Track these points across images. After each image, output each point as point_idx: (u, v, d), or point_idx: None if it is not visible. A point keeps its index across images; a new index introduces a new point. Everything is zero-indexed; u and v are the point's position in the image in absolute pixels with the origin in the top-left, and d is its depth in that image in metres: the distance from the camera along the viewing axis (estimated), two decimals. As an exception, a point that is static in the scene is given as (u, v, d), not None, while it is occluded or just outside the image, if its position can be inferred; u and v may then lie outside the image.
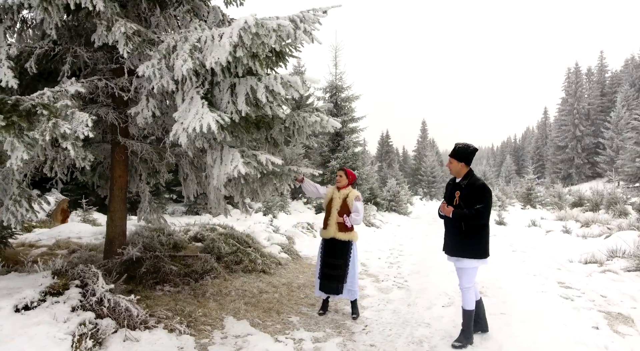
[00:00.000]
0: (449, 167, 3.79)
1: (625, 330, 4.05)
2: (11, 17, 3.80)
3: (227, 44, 2.90)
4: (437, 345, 3.61)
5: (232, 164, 3.17)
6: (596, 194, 21.60)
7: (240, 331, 3.72)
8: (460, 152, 3.68)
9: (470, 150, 3.69)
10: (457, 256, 3.65)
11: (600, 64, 53.91)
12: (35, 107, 2.89)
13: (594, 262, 7.04)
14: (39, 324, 2.90)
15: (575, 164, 48.97)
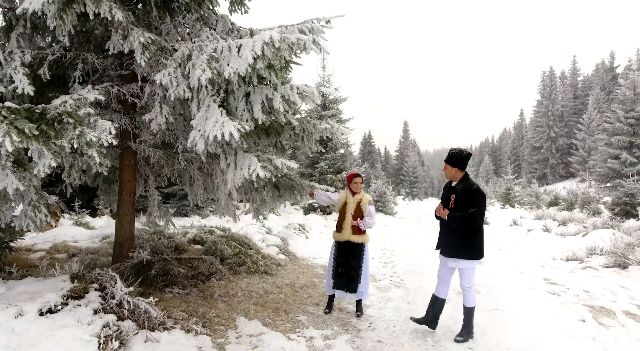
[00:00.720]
0: (444, 172, 4.03)
1: (609, 322, 4.39)
2: (24, 23, 3.84)
3: (250, 57, 3.04)
4: (440, 340, 3.84)
5: (250, 168, 3.31)
6: (571, 193, 22.55)
7: (253, 330, 3.86)
8: (453, 157, 3.92)
9: (463, 155, 3.92)
10: (454, 257, 3.88)
11: (573, 68, 55.93)
12: (61, 116, 2.96)
13: (575, 259, 7.47)
14: (65, 327, 2.98)
15: (550, 164, 50.67)
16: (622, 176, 22.27)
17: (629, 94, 23.67)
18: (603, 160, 24.50)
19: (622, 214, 16.62)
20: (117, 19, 3.45)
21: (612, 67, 53.04)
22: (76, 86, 4.04)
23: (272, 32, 2.98)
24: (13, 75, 3.54)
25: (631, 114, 23.47)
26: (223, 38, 4.16)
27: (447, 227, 3.93)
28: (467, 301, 3.92)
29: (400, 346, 3.72)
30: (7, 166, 2.95)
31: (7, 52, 3.62)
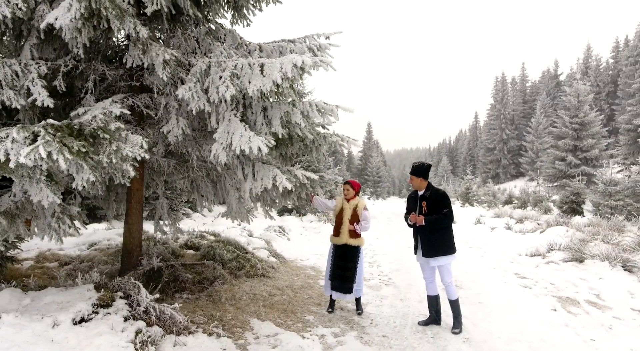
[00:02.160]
0: (411, 183, 4.47)
1: (575, 310, 5.03)
2: (37, 34, 3.84)
3: (279, 78, 3.28)
4: (438, 332, 4.26)
5: (276, 180, 3.55)
6: (524, 193, 24.26)
7: (268, 331, 4.09)
8: (417, 169, 4.39)
9: (425, 167, 4.41)
10: (434, 256, 4.32)
11: (522, 74, 59.63)
12: (96, 131, 3.06)
13: (538, 255, 8.26)
14: (101, 334, 3.09)
15: (502, 164, 53.83)
16: (568, 176, 24.27)
17: (573, 101, 25.79)
18: (551, 161, 26.53)
19: (569, 211, 18.19)
20: (141, 36, 3.57)
21: (556, 75, 57.08)
22: (88, 97, 4.08)
23: (304, 57, 3.23)
24: (30, 87, 3.56)
25: (575, 119, 25.60)
26: (237, 54, 4.34)
27: (423, 231, 4.34)
28: (451, 295, 4.37)
29: (404, 339, 4.10)
30: (42, 180, 3.01)
31: (23, 64, 3.62)
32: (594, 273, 6.72)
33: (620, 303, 5.29)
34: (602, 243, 8.64)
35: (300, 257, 8.17)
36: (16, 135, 2.54)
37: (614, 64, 49.38)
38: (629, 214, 13.85)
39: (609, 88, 48.05)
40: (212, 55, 4.16)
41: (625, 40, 48.84)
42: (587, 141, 24.91)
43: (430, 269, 4.43)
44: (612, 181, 14.59)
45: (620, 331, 4.30)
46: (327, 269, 4.88)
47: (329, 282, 4.77)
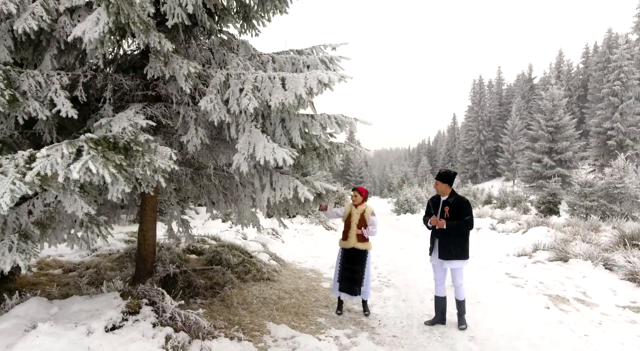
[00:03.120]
0: (435, 188, 4.74)
1: (566, 307, 5.39)
2: (57, 45, 3.87)
3: (304, 93, 3.44)
4: (444, 331, 4.52)
5: (298, 191, 3.71)
6: (503, 193, 25.10)
7: (285, 334, 4.24)
8: (444, 176, 4.67)
9: (451, 174, 4.70)
10: (449, 260, 4.58)
11: (498, 78, 61.39)
12: (129, 144, 3.15)
13: (525, 255, 8.69)
14: (134, 341, 3.18)
15: (479, 165, 55.32)
16: (544, 177, 25.29)
17: (549, 105, 26.86)
18: (528, 163, 27.55)
19: (547, 211, 18.98)
20: (166, 49, 3.66)
21: (531, 78, 59.03)
22: (106, 106, 4.13)
23: (330, 74, 3.39)
24: (54, 98, 3.60)
25: (550, 122, 26.68)
26: (252, 65, 4.46)
27: (442, 234, 4.60)
28: (460, 296, 4.65)
29: (413, 338, 4.33)
30: (75, 192, 3.08)
31: (46, 75, 3.65)
32: (578, 272, 7.15)
33: (605, 300, 5.69)
34: (582, 243, 9.15)
35: (298, 260, 8.33)
36: (66, 151, 2.61)
37: (584, 69, 51.50)
38: (603, 214, 14.61)
39: (579, 92, 50.09)
40: (230, 67, 4.27)
41: (594, 47, 51.01)
42: (561, 144, 26.00)
43: (443, 271, 4.68)
44: (587, 182, 15.35)
45: (609, 327, 4.66)
46: (335, 271, 5.06)
47: (337, 284, 4.95)
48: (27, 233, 3.13)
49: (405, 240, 11.96)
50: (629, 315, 5.09)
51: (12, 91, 3.29)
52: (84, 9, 3.95)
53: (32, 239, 3.12)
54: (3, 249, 2.93)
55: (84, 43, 3.37)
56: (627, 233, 8.84)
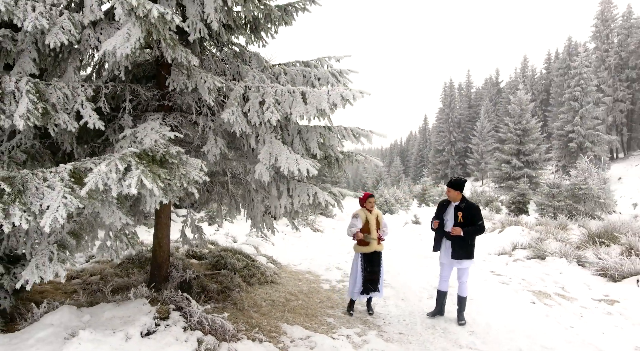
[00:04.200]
0: (448, 194, 5.10)
1: (549, 302, 5.88)
2: (80, 57, 3.93)
3: (327, 108, 3.67)
4: (446, 328, 4.87)
5: (318, 196, 3.94)
6: (475, 193, 26.16)
7: (300, 334, 4.47)
8: (456, 183, 5.03)
9: (461, 181, 5.08)
10: (460, 259, 4.95)
11: (467, 81, 63.51)
12: (165, 157, 3.28)
13: (505, 253, 9.27)
14: (170, 345, 3.32)
15: (450, 165, 57.09)
16: (513, 178, 26.57)
17: (517, 109, 28.23)
18: (498, 164, 28.83)
19: (517, 211, 20.03)
20: (192, 64, 3.81)
21: (498, 82, 61.43)
22: (126, 117, 4.21)
23: (354, 91, 3.64)
24: (80, 110, 3.67)
25: (518, 126, 28.05)
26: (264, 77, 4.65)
27: (455, 238, 4.94)
28: (463, 292, 5.03)
29: (418, 335, 4.66)
30: (114, 203, 3.19)
31: (72, 87, 3.71)
32: (555, 269, 7.74)
33: (582, 294, 6.24)
34: (555, 241, 9.84)
35: (292, 262, 8.53)
36: (120, 166, 2.73)
37: (547, 74, 54.21)
38: (569, 213, 15.62)
39: (542, 96, 52.69)
40: (247, 80, 4.45)
41: (555, 54, 53.75)
42: (528, 146, 27.40)
43: (450, 269, 5.06)
44: (555, 183, 16.35)
45: (590, 319, 5.16)
46: (355, 277, 5.16)
47: (360, 287, 5.11)
48: (64, 243, 3.21)
49: (391, 242, 12.36)
50: (605, 307, 5.64)
51: (44, 104, 3.35)
52: (104, 21, 4.03)
53: (68, 249, 3.20)
54: (43, 259, 3.01)
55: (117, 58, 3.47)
56: (594, 231, 9.59)
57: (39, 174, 2.87)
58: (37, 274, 2.94)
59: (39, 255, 3.02)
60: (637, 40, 42.77)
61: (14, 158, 3.60)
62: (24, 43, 3.73)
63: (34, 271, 2.95)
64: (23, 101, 3.23)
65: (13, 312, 4.08)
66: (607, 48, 43.88)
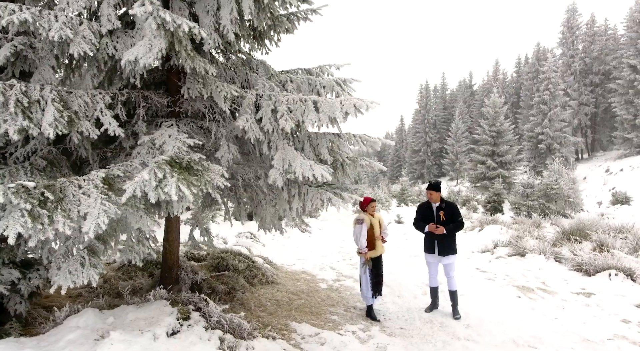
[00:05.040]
0: (430, 197, 5.42)
1: (533, 296, 6.33)
2: (97, 65, 4.00)
3: (340, 116, 3.90)
4: (443, 322, 5.19)
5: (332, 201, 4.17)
6: (452, 193, 26.98)
7: (309, 331, 4.68)
8: (437, 186, 5.40)
9: (439, 182, 5.48)
10: (447, 255, 5.30)
11: (442, 83, 65.09)
12: (190, 164, 3.43)
13: (487, 251, 9.77)
14: (195, 344, 3.47)
15: (426, 165, 58.39)
16: (488, 178, 27.60)
17: (491, 112, 29.33)
18: (473, 165, 29.85)
19: (492, 210, 20.84)
20: (210, 73, 3.96)
21: (471, 85, 63.25)
22: (140, 123, 4.30)
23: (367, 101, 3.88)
24: (100, 117, 3.75)
25: (493, 128, 29.15)
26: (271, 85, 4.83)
27: (440, 236, 5.29)
28: (452, 286, 5.38)
29: (418, 329, 4.96)
30: (141, 209, 3.31)
31: (91, 95, 3.79)
32: (534, 265, 8.26)
33: (561, 288, 6.73)
34: (531, 239, 10.44)
35: (286, 263, 8.72)
36: (159, 174, 2.86)
37: (517, 78, 56.28)
38: (542, 212, 16.47)
39: (513, 99, 54.64)
40: (258, 88, 4.63)
41: (525, 58, 55.86)
42: (502, 147, 28.53)
43: (437, 266, 5.40)
44: (528, 184, 17.18)
45: (571, 310, 5.61)
46: (365, 282, 5.25)
47: (371, 292, 5.22)
48: (94, 248, 3.30)
49: (376, 240, 12.73)
50: (583, 299, 6.12)
51: (69, 112, 3.43)
52: (120, 30, 4.11)
53: (97, 254, 3.30)
54: (76, 265, 3.10)
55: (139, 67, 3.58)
56: (567, 229, 10.25)
57: (74, 181, 2.97)
58: (70, 279, 3.04)
59: (71, 261, 3.11)
60: (599, 47, 45.14)
61: (35, 165, 3.65)
62: (42, 51, 3.78)
63: (67, 276, 3.04)
64: (49, 110, 3.30)
65: (27, 316, 4.13)
66: (572, 54, 46.07)
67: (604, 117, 45.74)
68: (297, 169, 4.01)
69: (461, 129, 50.61)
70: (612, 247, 8.30)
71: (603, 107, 44.94)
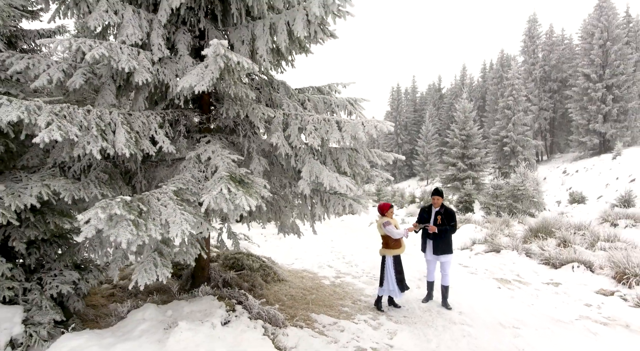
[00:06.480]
0: (436, 201, 6.22)
1: (511, 287, 7.28)
2: (148, 88, 4.50)
3: (363, 136, 4.59)
4: (440, 311, 5.99)
5: (353, 207, 4.85)
6: (426, 193, 28.27)
7: (328, 321, 5.35)
8: (441, 192, 6.20)
9: (442, 189, 6.29)
10: (443, 254, 6.11)
11: (413, 86, 67.08)
12: (242, 177, 4.02)
13: (467, 248, 10.76)
14: (245, 331, 4.07)
15: (397, 166, 60.11)
16: (458, 179, 29.15)
17: (461, 116, 30.95)
18: (445, 167, 31.37)
19: (464, 209, 22.16)
20: (250, 97, 4.55)
21: (439, 88, 65.51)
22: (181, 139, 4.83)
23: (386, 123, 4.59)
24: (155, 135, 4.27)
25: (463, 132, 30.78)
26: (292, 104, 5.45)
27: (435, 237, 6.09)
28: (446, 282, 6.19)
29: (419, 317, 5.73)
30: (202, 216, 3.87)
31: (146, 116, 4.29)
32: (509, 260, 9.29)
33: (533, 280, 7.73)
34: (503, 236, 11.56)
35: (285, 262, 9.32)
36: (233, 189, 3.44)
37: (483, 82, 58.94)
38: (510, 211, 17.84)
39: (479, 102, 57.23)
40: (284, 107, 5.25)
41: (490, 64, 58.59)
42: (471, 150, 30.19)
43: (434, 263, 6.18)
44: (498, 185, 18.54)
45: (543, 298, 6.58)
46: (389, 278, 5.85)
47: (397, 287, 5.83)
48: (161, 251, 3.82)
49: (365, 240, 13.50)
50: (552, 288, 7.12)
51: (135, 133, 3.93)
52: (167, 57, 4.63)
53: (164, 256, 3.82)
54: (150, 265, 3.62)
55: (195, 92, 4.12)
56: (534, 227, 11.43)
57: (155, 194, 3.50)
58: (146, 278, 3.56)
59: (145, 262, 3.63)
60: (557, 56, 48.21)
61: (99, 178, 4.12)
62: (102, 77, 4.25)
63: (144, 275, 3.56)
64: (120, 131, 3.80)
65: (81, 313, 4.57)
66: (533, 62, 48.96)
67: (561, 122, 48.95)
68: (325, 180, 4.67)
69: (431, 131, 52.58)
70: (573, 243, 9.47)
71: (561, 112, 48.11)
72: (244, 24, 4.89)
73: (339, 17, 4.20)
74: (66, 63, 4.08)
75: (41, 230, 4.06)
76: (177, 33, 4.80)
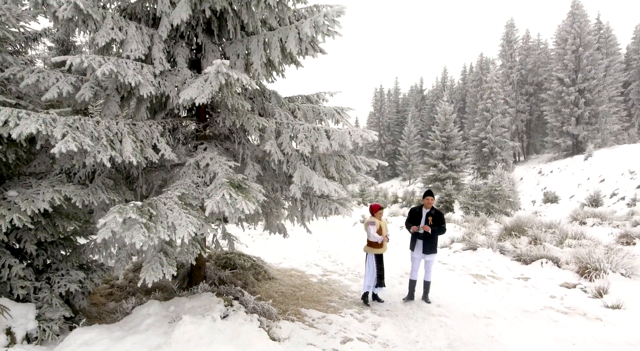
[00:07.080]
0: (428, 202, 6.69)
1: (485, 282, 7.84)
2: (150, 99, 4.82)
3: (350, 144, 5.01)
4: (419, 304, 6.47)
5: (339, 211, 5.27)
6: (408, 193, 28.99)
7: (316, 315, 5.75)
8: (431, 193, 6.68)
9: (432, 191, 6.77)
10: (430, 253, 6.58)
11: (395, 87, 68.12)
12: (240, 183, 4.38)
13: (446, 246, 11.33)
14: (242, 324, 4.43)
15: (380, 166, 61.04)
16: (439, 179, 29.99)
17: (442, 118, 31.83)
18: (427, 167, 32.19)
19: (444, 209, 22.92)
20: (245, 108, 4.92)
21: (421, 90, 66.69)
22: (180, 146, 5.15)
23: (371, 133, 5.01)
24: (157, 144, 4.59)
25: (444, 133, 31.66)
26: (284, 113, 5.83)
27: (425, 236, 6.54)
28: (428, 278, 6.67)
29: (401, 310, 6.20)
30: (204, 218, 4.22)
31: (148, 125, 4.61)
32: (484, 257, 9.89)
33: (506, 275, 8.32)
34: (480, 235, 12.20)
35: (274, 261, 9.68)
36: (234, 195, 3.80)
37: (463, 85, 60.33)
38: (487, 211, 18.62)
39: (459, 104, 58.59)
40: (276, 116, 5.62)
41: (470, 67, 60.03)
42: (452, 151, 31.09)
43: (419, 262, 6.63)
44: (476, 186, 19.31)
45: (514, 291, 7.15)
46: (371, 274, 6.31)
47: (375, 282, 6.30)
48: (166, 251, 4.15)
49: (350, 240, 13.95)
50: (522, 283, 7.71)
51: (140, 142, 4.25)
52: (167, 70, 4.94)
53: (169, 255, 4.15)
54: (156, 264, 3.95)
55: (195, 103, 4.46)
56: (508, 226, 12.10)
57: (161, 199, 3.84)
58: (153, 276, 3.89)
59: (152, 261, 3.97)
60: (533, 60, 49.86)
61: (105, 184, 4.42)
62: (107, 89, 4.55)
63: (151, 273, 3.89)
64: (127, 140, 4.12)
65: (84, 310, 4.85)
66: (511, 65, 50.50)
67: (537, 124, 50.67)
68: (315, 185, 5.07)
69: (413, 132, 53.61)
70: (543, 240, 10.15)
71: (536, 115, 49.80)
72: (239, 38, 5.24)
73: (328, 36, 4.59)
74: (74, 76, 4.37)
75: (50, 233, 4.33)
76: (176, 47, 5.12)
